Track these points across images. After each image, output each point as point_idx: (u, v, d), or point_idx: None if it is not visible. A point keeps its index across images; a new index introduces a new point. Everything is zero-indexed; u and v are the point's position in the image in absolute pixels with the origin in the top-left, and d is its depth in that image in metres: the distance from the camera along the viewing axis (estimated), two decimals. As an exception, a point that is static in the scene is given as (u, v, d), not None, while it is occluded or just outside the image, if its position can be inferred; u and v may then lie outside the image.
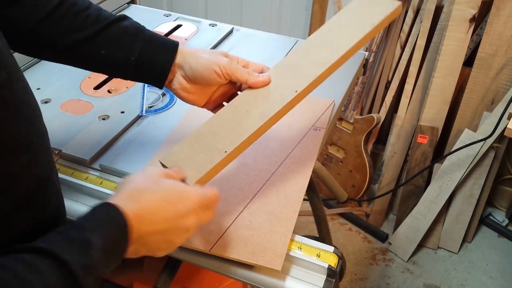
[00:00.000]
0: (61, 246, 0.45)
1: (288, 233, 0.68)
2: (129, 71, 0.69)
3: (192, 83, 0.70)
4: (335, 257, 0.66)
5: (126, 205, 0.51)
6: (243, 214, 0.71)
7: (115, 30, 0.68)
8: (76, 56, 0.69)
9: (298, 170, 0.79)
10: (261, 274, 0.65)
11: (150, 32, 0.70)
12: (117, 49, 0.68)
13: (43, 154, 0.53)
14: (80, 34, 0.67)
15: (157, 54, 0.69)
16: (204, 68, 0.68)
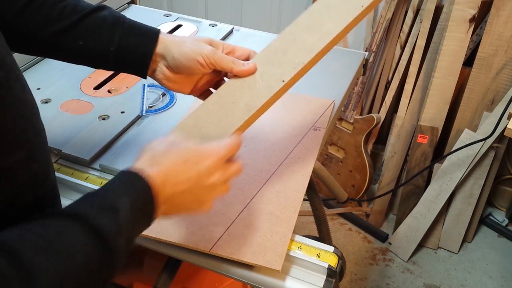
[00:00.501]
0: (89, 212, 0.46)
1: (288, 233, 0.68)
2: (109, 61, 0.68)
3: (175, 73, 0.68)
4: (335, 257, 0.66)
5: (147, 170, 0.52)
6: (243, 214, 0.71)
7: (93, 20, 0.67)
8: (54, 48, 0.68)
9: (298, 170, 0.79)
10: (261, 274, 0.65)
11: (130, 21, 0.69)
12: (96, 40, 0.67)
13: (40, 151, 0.53)
14: (57, 26, 0.65)
15: (137, 43, 0.67)
16: (187, 58, 0.66)
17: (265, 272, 0.65)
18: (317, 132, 0.87)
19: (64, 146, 0.82)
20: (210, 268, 0.67)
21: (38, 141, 0.53)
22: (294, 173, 0.78)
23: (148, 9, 1.31)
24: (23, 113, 0.50)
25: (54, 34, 0.66)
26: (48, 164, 0.56)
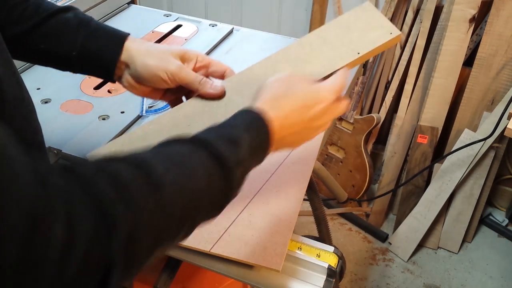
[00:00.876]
0: (215, 141, 0.48)
1: (288, 233, 0.68)
2: (74, 65, 0.66)
3: (139, 83, 0.66)
4: (335, 257, 0.66)
5: (268, 112, 0.54)
6: (243, 214, 0.71)
7: (55, 22, 0.64)
8: (18, 51, 0.65)
9: (298, 170, 0.79)
10: (261, 274, 0.65)
11: (96, 24, 0.66)
12: (57, 43, 0.64)
13: (36, 150, 0.53)
14: (18, 28, 0.63)
15: (100, 49, 0.64)
16: (149, 73, 0.64)
17: (265, 272, 0.65)
18: None
19: (64, 146, 0.82)
20: (210, 268, 0.67)
21: (34, 141, 0.53)
22: (294, 173, 0.78)
23: (148, 9, 1.31)
24: (19, 112, 0.50)
25: (15, 36, 0.63)
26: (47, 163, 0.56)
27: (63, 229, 0.31)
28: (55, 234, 0.30)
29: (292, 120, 0.56)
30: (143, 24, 1.20)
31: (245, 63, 1.07)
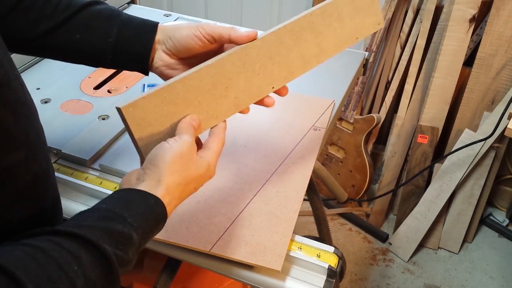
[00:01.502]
0: (102, 237, 0.45)
1: (288, 233, 0.68)
2: (108, 55, 0.65)
3: (175, 57, 0.66)
4: (335, 257, 0.66)
5: (172, 202, 0.53)
6: (243, 214, 0.71)
7: (89, 13, 0.65)
8: (51, 45, 0.66)
9: (298, 170, 0.78)
10: (261, 274, 0.65)
11: (127, 14, 0.67)
12: (93, 33, 0.64)
13: (39, 151, 0.53)
14: (52, 21, 0.63)
15: (136, 34, 0.64)
16: (183, 35, 0.63)
17: (265, 273, 0.65)
18: (317, 132, 0.86)
19: (63, 146, 0.82)
20: (210, 268, 0.67)
21: (38, 141, 0.53)
22: (294, 173, 0.78)
23: (148, 9, 1.31)
24: (23, 113, 0.50)
25: (49, 30, 0.64)
26: (48, 165, 0.56)
27: None
28: None
29: (185, 194, 0.57)
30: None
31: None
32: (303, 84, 1.00)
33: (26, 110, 0.51)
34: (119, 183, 0.77)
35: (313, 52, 0.68)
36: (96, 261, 0.44)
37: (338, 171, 1.98)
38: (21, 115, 0.49)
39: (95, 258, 0.44)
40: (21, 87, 0.51)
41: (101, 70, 1.04)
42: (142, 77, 1.02)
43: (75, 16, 0.64)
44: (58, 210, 0.59)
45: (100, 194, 0.75)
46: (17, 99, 0.49)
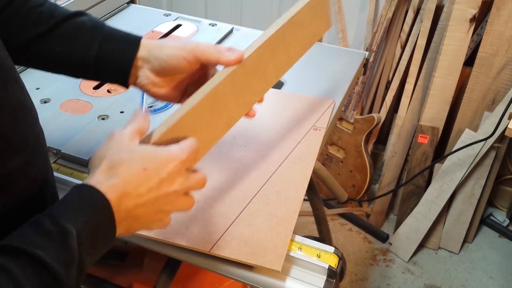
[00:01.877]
0: (33, 241, 0.41)
1: (288, 233, 0.67)
2: (89, 68, 0.65)
3: (161, 76, 0.64)
4: (336, 257, 0.66)
5: (103, 183, 0.47)
6: (243, 214, 0.71)
7: (71, 25, 0.63)
8: (32, 56, 0.65)
9: (298, 170, 0.78)
10: (261, 274, 0.65)
11: (110, 28, 0.66)
12: (74, 45, 0.63)
13: (39, 155, 0.52)
14: (34, 31, 0.62)
15: (118, 48, 0.63)
16: (170, 56, 0.62)
17: (265, 273, 0.65)
18: (317, 132, 0.86)
19: (63, 146, 0.82)
20: (210, 269, 0.67)
21: (37, 145, 0.53)
22: (294, 173, 0.78)
23: (148, 8, 1.31)
24: (22, 117, 0.50)
25: (30, 39, 0.63)
26: (47, 168, 0.55)
27: None
28: None
29: (137, 188, 0.48)
30: (143, 24, 1.19)
31: (245, 62, 1.07)
32: (303, 84, 0.99)
33: (26, 114, 0.51)
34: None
35: (283, 61, 0.72)
36: (30, 271, 0.40)
37: (338, 171, 1.98)
38: (20, 120, 0.49)
39: (28, 267, 0.40)
40: (21, 90, 0.51)
41: (100, 70, 1.04)
42: (142, 77, 1.01)
43: (57, 27, 0.63)
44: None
45: (100, 194, 0.75)
46: (16, 103, 0.49)
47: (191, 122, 0.57)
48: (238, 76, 0.63)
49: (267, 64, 0.68)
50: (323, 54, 1.11)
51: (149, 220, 0.51)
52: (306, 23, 0.73)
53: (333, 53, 1.11)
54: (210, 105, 0.60)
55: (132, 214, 0.48)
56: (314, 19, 0.75)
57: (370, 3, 1.89)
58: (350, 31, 1.99)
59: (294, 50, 0.73)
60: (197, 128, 0.58)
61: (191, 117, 0.57)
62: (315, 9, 0.74)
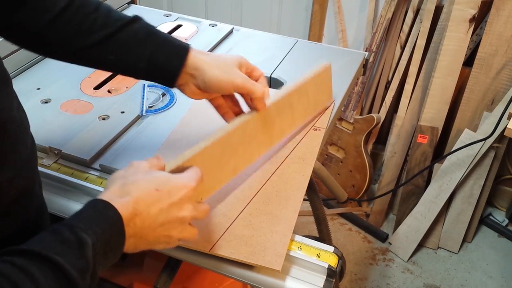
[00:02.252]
0: (53, 248, 0.43)
1: (288, 233, 0.68)
2: (139, 76, 0.70)
3: (201, 90, 0.70)
4: (335, 257, 0.66)
5: (117, 200, 0.49)
6: (243, 214, 0.71)
7: (125, 35, 0.66)
8: (84, 60, 0.69)
9: (298, 170, 0.79)
10: (261, 274, 0.65)
11: (161, 36, 0.68)
12: (126, 56, 0.67)
13: (27, 166, 0.52)
14: (87, 40, 0.65)
15: (166, 60, 0.67)
16: (218, 85, 0.68)
17: (265, 272, 0.65)
18: (317, 132, 0.87)
19: (64, 146, 0.82)
20: (210, 268, 0.67)
21: (27, 156, 0.52)
22: (294, 173, 0.78)
23: (148, 9, 1.31)
24: (12, 132, 0.49)
25: (84, 47, 0.65)
26: (35, 179, 0.55)
27: None
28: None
29: (149, 208, 0.51)
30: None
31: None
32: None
33: (15, 128, 0.50)
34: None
35: (288, 122, 0.81)
36: (50, 275, 0.42)
37: (338, 171, 1.98)
38: (9, 135, 0.48)
39: (49, 272, 0.42)
40: (11, 104, 0.50)
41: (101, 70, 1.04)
42: (142, 77, 1.02)
43: (112, 37, 0.66)
44: (43, 220, 0.59)
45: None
46: (6, 120, 0.48)
47: (201, 161, 0.63)
48: (248, 128, 0.71)
49: (274, 122, 0.77)
50: (323, 54, 1.11)
51: (156, 241, 0.54)
52: (310, 94, 0.84)
53: (333, 53, 1.12)
54: (220, 149, 0.67)
55: (140, 232, 0.51)
56: (317, 92, 0.86)
57: (369, 4, 1.89)
58: (350, 32, 1.99)
59: (298, 114, 0.83)
60: (206, 168, 0.63)
61: (201, 157, 0.63)
62: (319, 85, 0.85)
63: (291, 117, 0.81)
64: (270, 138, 0.78)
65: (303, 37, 2.07)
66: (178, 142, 0.84)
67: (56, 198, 0.75)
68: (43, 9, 0.63)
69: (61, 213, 0.72)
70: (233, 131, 0.68)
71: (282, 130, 0.80)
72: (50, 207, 0.69)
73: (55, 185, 0.77)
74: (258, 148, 0.76)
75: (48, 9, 0.63)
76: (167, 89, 0.98)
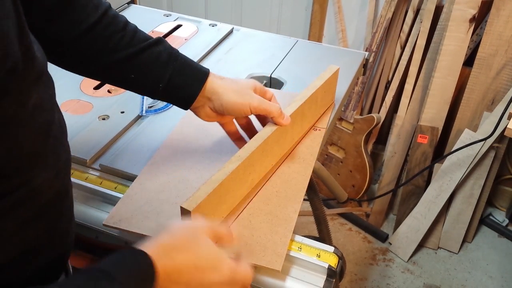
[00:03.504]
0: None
1: (288, 233, 0.68)
2: (157, 95, 0.72)
3: (216, 113, 0.73)
4: (335, 257, 0.66)
5: (159, 260, 0.49)
6: (243, 214, 0.71)
7: (148, 56, 0.68)
8: (105, 76, 0.71)
9: (298, 170, 0.78)
10: (261, 274, 0.65)
11: (182, 59, 0.71)
12: (147, 75, 0.69)
13: (66, 168, 0.53)
14: (112, 57, 0.67)
15: (185, 83, 0.70)
16: (233, 108, 0.71)
17: (265, 273, 0.65)
18: (317, 132, 0.87)
19: (64, 146, 0.82)
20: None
21: (65, 160, 0.53)
22: (294, 173, 0.78)
23: (148, 9, 1.31)
24: (53, 134, 0.50)
25: (108, 64, 0.68)
26: (69, 180, 0.56)
27: None
28: None
29: (181, 277, 0.51)
30: (143, 24, 1.19)
31: (245, 63, 1.07)
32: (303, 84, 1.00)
33: (57, 128, 0.51)
34: (119, 182, 0.77)
35: (298, 130, 0.82)
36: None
37: (338, 171, 1.98)
38: (52, 136, 0.49)
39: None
40: (54, 106, 0.52)
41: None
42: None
43: (136, 57, 0.68)
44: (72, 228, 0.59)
45: (101, 194, 0.75)
46: (50, 120, 0.49)
47: (228, 182, 0.66)
48: (267, 144, 0.73)
49: (287, 134, 0.78)
50: (323, 54, 1.11)
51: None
52: (318, 99, 0.85)
53: (333, 53, 1.12)
54: (244, 168, 0.69)
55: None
56: (324, 95, 0.87)
57: (370, 4, 1.89)
58: (350, 32, 1.99)
59: (307, 121, 0.84)
60: (232, 187, 0.67)
61: (229, 179, 0.66)
62: (326, 89, 0.87)
63: (301, 125, 0.83)
64: (282, 148, 0.80)
65: (303, 37, 2.07)
66: (178, 142, 0.84)
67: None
68: (74, 22, 0.65)
69: (61, 213, 0.72)
70: (254, 152, 0.70)
71: (292, 139, 0.82)
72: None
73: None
74: (272, 160, 0.78)
75: (80, 22, 0.65)
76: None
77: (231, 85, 0.72)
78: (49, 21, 0.64)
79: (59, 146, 0.51)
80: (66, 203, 0.55)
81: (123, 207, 0.70)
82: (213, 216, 0.66)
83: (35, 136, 0.46)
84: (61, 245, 0.56)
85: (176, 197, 0.73)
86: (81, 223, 0.72)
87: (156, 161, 0.79)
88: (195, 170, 0.78)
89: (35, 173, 0.47)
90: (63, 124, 0.55)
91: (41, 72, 0.47)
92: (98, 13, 0.66)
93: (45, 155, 0.48)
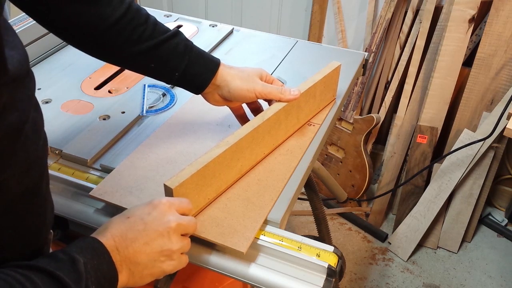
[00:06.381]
0: (49, 264, 0.50)
1: (259, 219, 0.68)
2: (172, 81, 0.78)
3: (224, 99, 0.80)
4: (335, 256, 0.67)
5: (114, 250, 0.56)
6: (220, 197, 0.72)
7: (167, 47, 0.75)
8: (128, 64, 0.78)
9: (283, 162, 0.79)
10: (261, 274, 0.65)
11: (196, 50, 0.78)
12: (165, 65, 0.76)
13: (37, 166, 0.53)
14: (135, 48, 0.73)
15: (199, 72, 0.77)
16: (240, 94, 0.78)
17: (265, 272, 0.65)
18: (311, 127, 0.87)
19: (64, 146, 0.83)
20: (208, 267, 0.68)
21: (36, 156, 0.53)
22: (279, 164, 0.79)
23: (148, 9, 1.31)
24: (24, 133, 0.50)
25: (131, 54, 0.74)
26: (41, 180, 0.56)
27: None
28: None
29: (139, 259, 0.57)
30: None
31: (245, 63, 1.08)
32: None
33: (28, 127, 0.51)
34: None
35: (293, 122, 0.83)
36: (47, 281, 0.49)
37: (338, 171, 1.99)
38: (23, 134, 0.49)
39: (45, 278, 0.49)
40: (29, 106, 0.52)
41: (101, 70, 1.04)
42: (143, 78, 1.02)
43: (156, 48, 0.74)
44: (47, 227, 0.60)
45: (101, 194, 0.76)
46: (23, 121, 0.50)
47: (215, 166, 0.68)
48: (257, 132, 0.75)
49: (280, 124, 0.80)
50: (323, 54, 1.11)
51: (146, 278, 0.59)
52: (317, 93, 0.86)
53: (333, 54, 1.12)
54: (231, 154, 0.71)
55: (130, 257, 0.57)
56: (324, 90, 0.88)
57: (369, 4, 1.89)
58: (349, 32, 1.99)
59: (303, 114, 0.85)
60: (218, 171, 0.69)
61: (215, 163, 0.68)
62: (326, 85, 0.87)
63: (297, 118, 0.84)
64: (275, 139, 0.81)
65: (303, 37, 2.07)
66: (175, 127, 0.86)
67: (57, 198, 0.75)
68: (102, 16, 0.70)
69: (61, 213, 0.73)
70: (243, 138, 0.72)
71: (287, 130, 0.83)
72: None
73: (56, 185, 0.77)
74: (263, 149, 0.78)
75: (107, 16, 0.70)
76: (168, 89, 0.99)
77: (238, 73, 0.79)
78: (78, 15, 0.69)
79: (31, 145, 0.52)
80: (37, 200, 0.56)
81: (110, 181, 0.74)
82: (197, 197, 0.67)
83: (2, 135, 0.46)
84: (35, 242, 0.57)
85: (162, 176, 0.75)
86: (81, 223, 0.72)
87: (150, 142, 0.83)
88: (185, 153, 0.81)
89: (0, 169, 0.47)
90: (39, 123, 0.55)
91: (16, 75, 0.48)
92: (123, 7, 0.71)
93: (13, 153, 0.48)
